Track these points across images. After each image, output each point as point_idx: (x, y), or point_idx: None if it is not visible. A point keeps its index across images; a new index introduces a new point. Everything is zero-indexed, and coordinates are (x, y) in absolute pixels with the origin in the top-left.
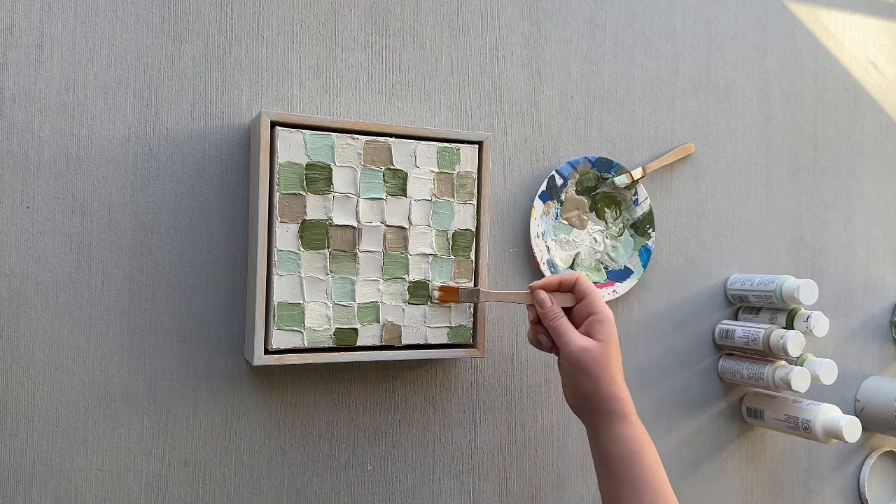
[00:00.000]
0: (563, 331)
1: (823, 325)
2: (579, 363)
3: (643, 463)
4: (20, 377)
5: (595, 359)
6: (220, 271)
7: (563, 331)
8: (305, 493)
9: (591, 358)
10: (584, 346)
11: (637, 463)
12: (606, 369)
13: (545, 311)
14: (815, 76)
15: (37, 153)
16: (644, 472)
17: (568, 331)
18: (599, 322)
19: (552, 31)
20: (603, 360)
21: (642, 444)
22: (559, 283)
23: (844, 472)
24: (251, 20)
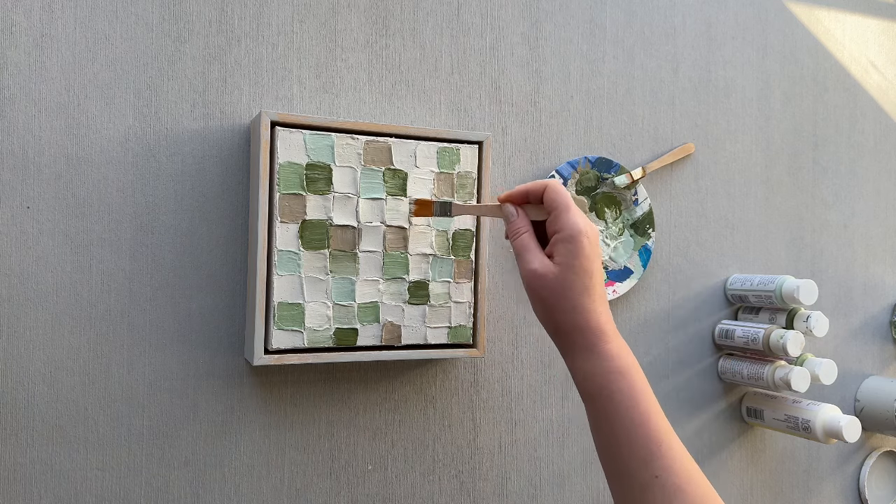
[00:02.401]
0: (521, 250)
1: (823, 325)
2: (532, 290)
3: (616, 396)
4: (20, 377)
5: (548, 286)
6: (220, 271)
7: (522, 250)
8: (305, 493)
9: (544, 285)
10: (537, 271)
11: (608, 398)
12: (565, 297)
13: (509, 225)
14: (815, 76)
15: (37, 153)
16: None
17: (526, 251)
18: (562, 241)
19: (552, 31)
20: (560, 287)
21: (613, 377)
22: (527, 193)
23: (844, 472)
24: (251, 20)
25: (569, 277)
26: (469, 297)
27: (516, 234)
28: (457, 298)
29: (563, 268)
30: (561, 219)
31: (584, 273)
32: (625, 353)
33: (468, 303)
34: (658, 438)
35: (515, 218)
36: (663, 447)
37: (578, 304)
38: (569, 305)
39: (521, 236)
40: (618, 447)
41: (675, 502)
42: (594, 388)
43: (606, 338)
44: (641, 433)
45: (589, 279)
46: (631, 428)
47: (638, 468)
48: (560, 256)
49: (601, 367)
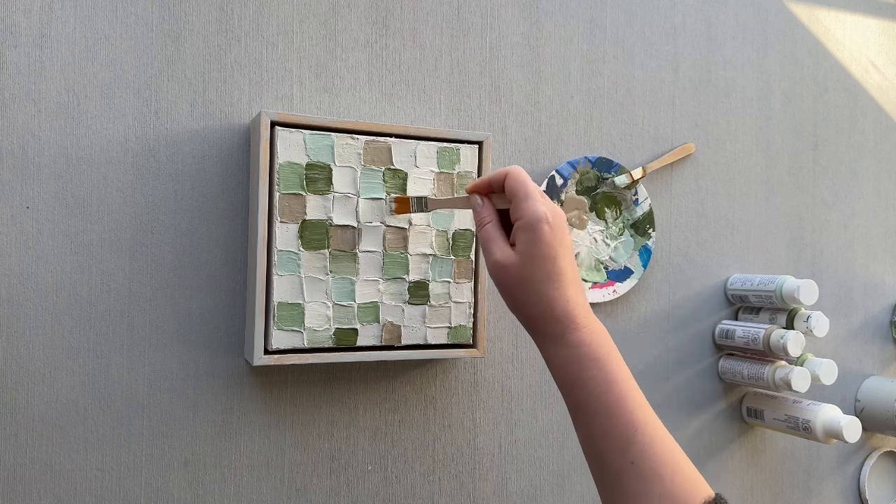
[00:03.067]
0: (484, 241)
1: (823, 326)
2: (497, 281)
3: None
4: (20, 377)
5: (512, 276)
6: (220, 271)
7: (485, 241)
8: (305, 493)
9: (508, 276)
10: (499, 262)
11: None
12: (527, 287)
13: (475, 216)
14: (815, 76)
15: (37, 153)
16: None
17: (489, 242)
18: (521, 229)
19: (552, 31)
20: (521, 277)
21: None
22: (490, 183)
23: (844, 472)
24: (251, 20)
25: (529, 266)
26: (469, 297)
27: (481, 224)
28: (457, 298)
29: (523, 257)
30: (520, 207)
31: (546, 260)
32: (598, 339)
33: (468, 303)
34: (633, 424)
35: (480, 208)
36: (639, 433)
37: (542, 292)
38: (532, 295)
39: (486, 226)
40: (593, 435)
41: (652, 488)
42: (567, 376)
43: (575, 325)
44: (616, 421)
45: (552, 265)
46: (605, 415)
47: (614, 455)
48: (521, 245)
49: (572, 355)
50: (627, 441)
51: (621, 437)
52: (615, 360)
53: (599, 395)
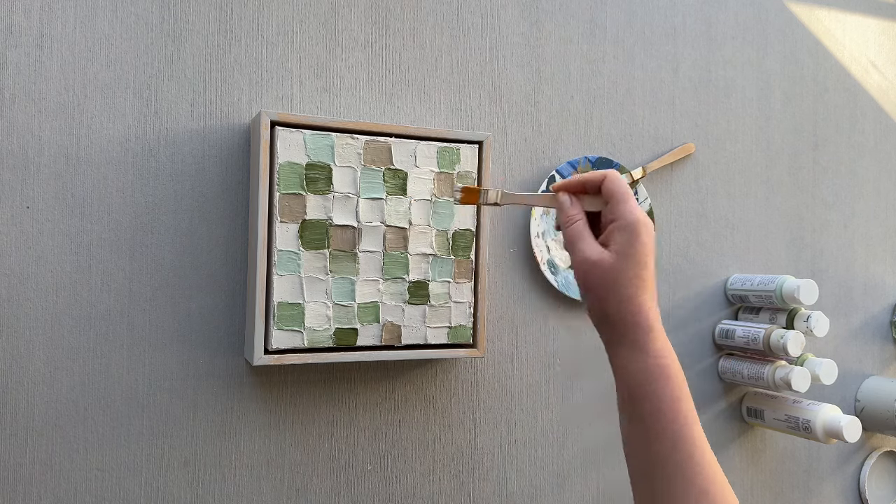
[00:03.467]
0: (574, 238)
1: (823, 325)
2: (584, 278)
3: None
4: (20, 377)
5: (602, 274)
6: (220, 271)
7: (575, 238)
8: (305, 493)
9: (598, 273)
10: (589, 259)
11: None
12: (616, 288)
13: (562, 214)
14: (815, 76)
15: (37, 153)
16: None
17: (579, 239)
18: (619, 229)
19: (552, 31)
20: (611, 277)
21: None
22: (583, 184)
23: (844, 472)
24: (251, 20)
25: (623, 266)
26: (469, 297)
27: (570, 222)
28: (457, 298)
29: (618, 256)
30: (619, 207)
31: (639, 263)
32: (669, 352)
33: (468, 303)
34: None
35: (570, 206)
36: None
37: (631, 294)
38: (621, 295)
39: (576, 223)
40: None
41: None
42: (638, 384)
43: (654, 335)
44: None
45: (643, 270)
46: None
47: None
48: (616, 245)
49: (647, 364)
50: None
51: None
52: (681, 377)
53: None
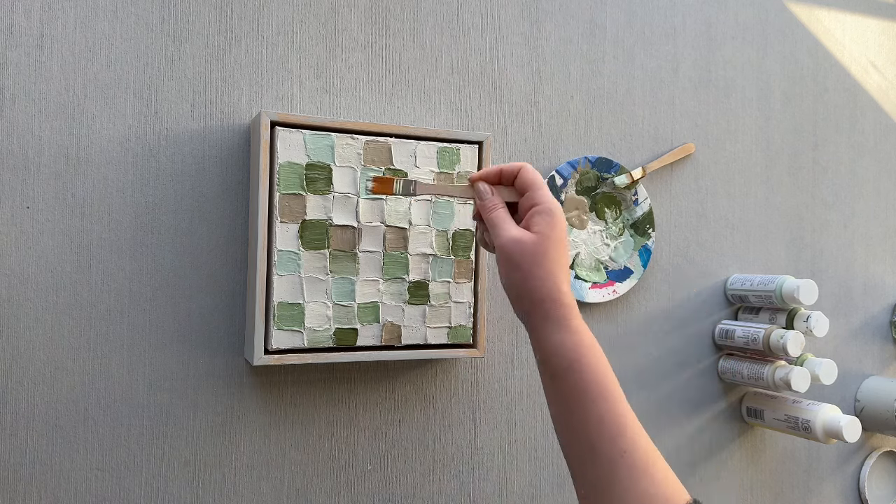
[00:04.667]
0: (498, 223)
1: (823, 325)
2: (509, 255)
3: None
4: (20, 377)
5: (527, 251)
6: (220, 271)
7: (498, 223)
8: (305, 493)
9: (522, 250)
10: (515, 237)
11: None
12: (541, 264)
13: (483, 202)
14: (815, 76)
15: (37, 153)
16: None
17: (503, 222)
18: (539, 213)
19: (552, 31)
20: (537, 253)
21: (584, 351)
22: (499, 174)
23: (844, 472)
24: (251, 20)
25: (546, 246)
26: (469, 297)
27: (492, 209)
28: (457, 298)
29: (541, 236)
30: (538, 194)
31: (559, 244)
32: (587, 330)
33: (468, 303)
34: (625, 415)
35: (490, 195)
36: (629, 425)
37: (553, 273)
38: (544, 272)
39: (498, 210)
40: (587, 421)
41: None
42: (565, 362)
43: (575, 312)
44: (612, 409)
45: (562, 251)
46: (602, 403)
47: (607, 445)
48: (538, 227)
49: (572, 340)
50: (620, 431)
51: (615, 426)
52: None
53: (598, 382)
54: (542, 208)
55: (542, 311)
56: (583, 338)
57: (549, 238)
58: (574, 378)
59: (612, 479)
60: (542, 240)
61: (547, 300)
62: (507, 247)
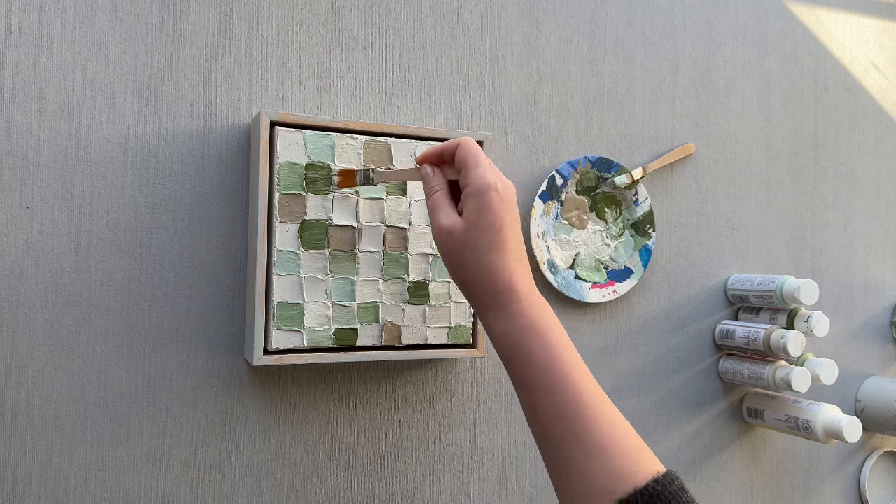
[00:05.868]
0: (432, 208)
1: (824, 326)
2: (441, 247)
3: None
4: (20, 377)
5: (455, 242)
6: (220, 271)
7: (433, 208)
8: (305, 493)
9: (452, 242)
10: (443, 227)
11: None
12: (471, 254)
13: (425, 185)
14: (815, 76)
15: (37, 153)
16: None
17: (437, 208)
18: (469, 196)
19: (552, 31)
20: (465, 242)
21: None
22: (441, 153)
23: (845, 472)
24: (251, 20)
25: (474, 233)
26: None
27: (430, 193)
28: (457, 298)
29: (469, 224)
30: (470, 174)
31: (491, 228)
32: (538, 311)
33: (468, 303)
34: (577, 398)
35: (431, 177)
36: (581, 406)
37: (485, 261)
38: (475, 262)
39: (435, 194)
40: (535, 408)
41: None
42: (507, 348)
43: (517, 296)
44: (559, 394)
45: (496, 234)
46: (547, 389)
47: (556, 429)
48: (467, 212)
49: (513, 326)
50: (570, 415)
51: (564, 411)
52: (558, 333)
53: (542, 368)
54: (471, 190)
55: (481, 301)
56: (525, 321)
57: (476, 224)
58: (518, 363)
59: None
60: (470, 227)
61: (481, 288)
62: (436, 237)
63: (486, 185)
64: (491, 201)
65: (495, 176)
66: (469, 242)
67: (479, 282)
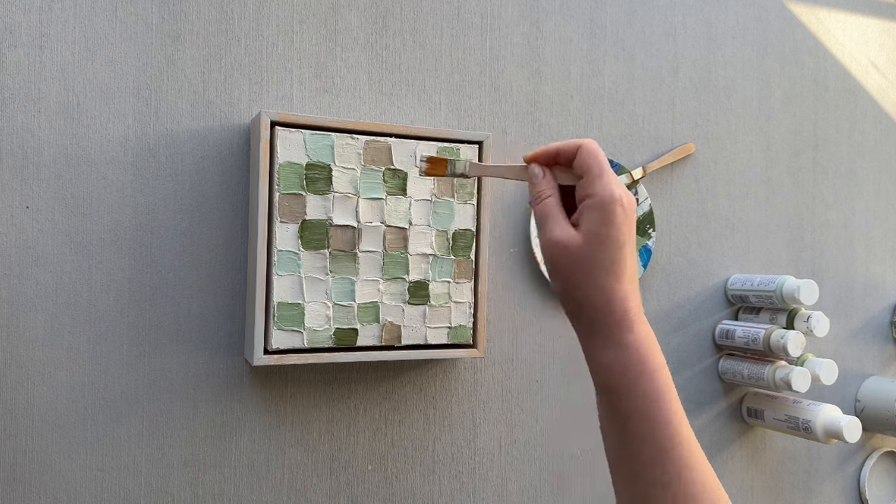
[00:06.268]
0: (543, 217)
1: (824, 326)
2: (552, 262)
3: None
4: (20, 377)
5: (571, 258)
6: (220, 271)
7: (544, 217)
8: (305, 493)
9: (566, 257)
10: (558, 241)
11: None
12: (588, 273)
13: (532, 188)
14: (815, 76)
15: (37, 153)
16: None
17: (548, 217)
18: (591, 208)
19: (552, 31)
20: (581, 258)
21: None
22: (557, 154)
23: (845, 472)
24: (251, 20)
25: (595, 249)
26: (469, 297)
27: (539, 198)
28: (457, 298)
29: (589, 238)
30: (593, 183)
31: (614, 245)
32: (648, 344)
33: (468, 303)
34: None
35: (540, 179)
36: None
37: (602, 281)
38: (591, 282)
39: (545, 200)
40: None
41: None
42: (612, 380)
43: (630, 325)
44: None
45: (617, 252)
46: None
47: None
48: (587, 224)
49: (622, 357)
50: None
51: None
52: (664, 368)
53: (646, 404)
54: (595, 201)
55: (587, 323)
56: (634, 356)
57: (598, 239)
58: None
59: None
60: (589, 242)
61: (593, 310)
62: (547, 249)
63: (612, 198)
64: (616, 216)
65: (621, 189)
66: (587, 259)
67: (592, 304)
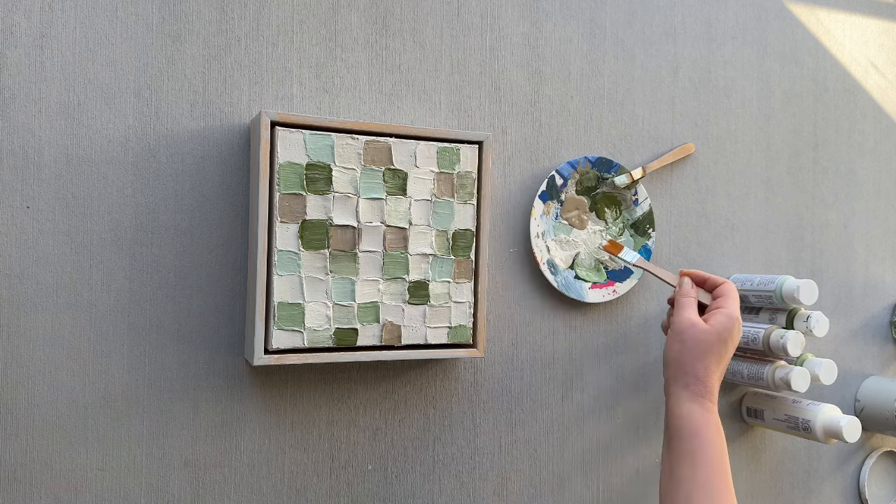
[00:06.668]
0: (685, 305)
1: (823, 326)
2: (679, 330)
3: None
4: (20, 377)
5: (696, 335)
6: (220, 271)
7: (686, 305)
8: (305, 493)
9: (694, 333)
10: (692, 320)
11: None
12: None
13: (681, 289)
14: (815, 76)
15: (37, 153)
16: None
17: (689, 307)
18: (722, 314)
19: (552, 31)
20: (702, 340)
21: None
22: (705, 280)
23: (844, 472)
24: (251, 20)
25: (713, 338)
26: (469, 297)
27: (684, 294)
28: (457, 298)
29: (713, 328)
30: (728, 303)
31: (725, 343)
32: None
33: (468, 303)
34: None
35: (690, 287)
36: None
37: (707, 360)
38: (700, 357)
39: (688, 298)
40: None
41: None
42: (692, 422)
43: (712, 398)
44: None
45: (725, 349)
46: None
47: None
48: (714, 321)
49: (701, 412)
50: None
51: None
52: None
53: (709, 458)
54: (727, 312)
55: (686, 384)
56: (709, 417)
57: (718, 333)
58: (693, 444)
59: None
60: (712, 331)
61: (692, 375)
62: (680, 322)
63: (736, 317)
64: (734, 327)
65: (740, 316)
66: (706, 340)
67: (694, 371)
